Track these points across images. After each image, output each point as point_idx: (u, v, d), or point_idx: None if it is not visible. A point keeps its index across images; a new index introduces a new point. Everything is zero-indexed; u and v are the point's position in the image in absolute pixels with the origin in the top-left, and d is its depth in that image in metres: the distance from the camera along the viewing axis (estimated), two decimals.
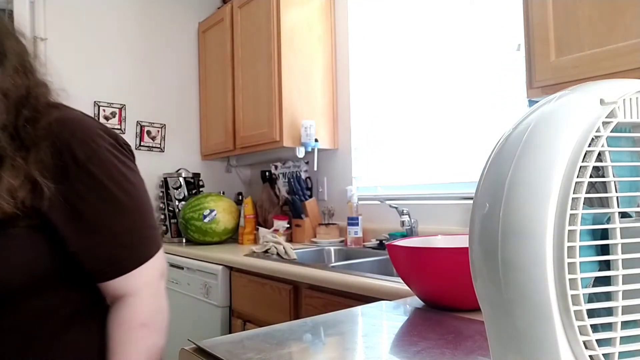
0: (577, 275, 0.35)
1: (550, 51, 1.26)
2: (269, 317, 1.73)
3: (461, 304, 0.90)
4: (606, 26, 1.16)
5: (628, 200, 0.39)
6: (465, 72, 1.87)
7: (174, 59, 2.91)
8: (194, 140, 2.99)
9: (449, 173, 1.94)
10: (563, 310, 0.35)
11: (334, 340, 0.77)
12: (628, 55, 1.11)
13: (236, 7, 2.62)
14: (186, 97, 2.96)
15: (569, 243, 0.35)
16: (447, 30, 1.94)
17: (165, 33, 2.88)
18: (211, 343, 0.72)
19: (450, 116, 1.93)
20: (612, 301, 0.37)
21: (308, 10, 2.42)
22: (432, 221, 1.97)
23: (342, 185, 2.40)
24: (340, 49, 2.49)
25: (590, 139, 0.36)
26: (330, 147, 2.46)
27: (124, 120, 2.68)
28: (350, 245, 2.15)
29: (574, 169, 0.36)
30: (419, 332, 0.81)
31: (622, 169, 0.38)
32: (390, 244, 1.02)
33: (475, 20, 1.84)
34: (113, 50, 2.70)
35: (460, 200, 1.88)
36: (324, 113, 2.45)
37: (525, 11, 1.33)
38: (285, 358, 0.66)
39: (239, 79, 2.61)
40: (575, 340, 0.35)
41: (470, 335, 0.76)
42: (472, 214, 0.43)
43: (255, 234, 2.49)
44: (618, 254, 0.36)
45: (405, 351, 0.71)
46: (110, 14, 2.69)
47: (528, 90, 1.33)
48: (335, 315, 0.91)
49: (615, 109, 0.37)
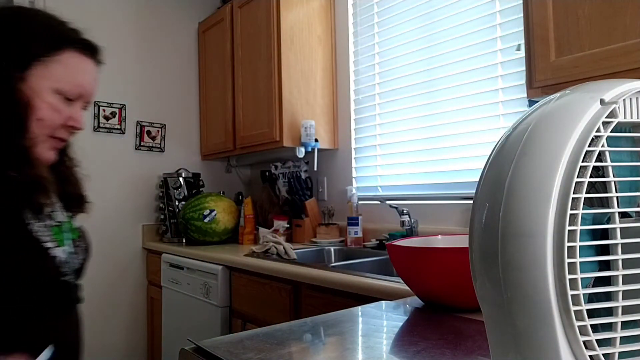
0: (577, 275, 0.35)
1: (550, 51, 1.26)
2: (269, 317, 1.73)
3: (461, 304, 0.90)
4: (606, 26, 1.16)
5: (628, 200, 0.39)
6: (465, 72, 1.87)
7: (174, 59, 2.91)
8: (194, 140, 2.99)
9: (449, 173, 1.94)
10: (563, 310, 0.35)
11: (334, 340, 0.77)
12: (628, 55, 1.11)
13: (236, 7, 2.62)
14: (186, 97, 2.96)
15: (569, 243, 0.35)
16: (447, 30, 1.94)
17: (165, 33, 2.88)
18: (211, 343, 0.72)
19: (451, 116, 1.93)
20: (612, 301, 0.37)
21: (308, 10, 2.42)
22: (432, 221, 1.97)
23: (342, 185, 2.40)
24: (340, 49, 2.48)
25: (590, 139, 0.36)
26: (330, 147, 2.46)
27: (124, 120, 2.68)
28: (350, 245, 2.15)
29: (574, 169, 0.36)
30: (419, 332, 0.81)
31: (622, 169, 0.38)
32: (390, 244, 1.02)
33: (475, 20, 1.84)
34: (113, 50, 2.70)
35: (460, 200, 1.88)
36: (324, 113, 2.45)
37: (525, 11, 1.33)
38: (285, 358, 0.66)
39: (239, 79, 2.61)
40: (575, 340, 0.35)
41: (470, 335, 0.76)
42: (472, 214, 0.43)
43: (255, 234, 2.49)
44: (618, 254, 0.36)
45: (405, 351, 0.71)
46: (110, 14, 2.69)
47: (528, 90, 1.33)
48: (335, 315, 0.91)
49: (615, 109, 0.37)
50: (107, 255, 2.59)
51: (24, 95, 0.79)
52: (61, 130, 0.86)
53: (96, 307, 2.53)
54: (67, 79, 0.84)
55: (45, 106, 0.82)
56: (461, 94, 1.89)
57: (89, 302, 2.81)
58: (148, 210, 2.77)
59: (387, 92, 2.22)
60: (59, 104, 0.84)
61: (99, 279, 2.55)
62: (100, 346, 2.54)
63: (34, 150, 0.82)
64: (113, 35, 2.70)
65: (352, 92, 2.42)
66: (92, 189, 0.91)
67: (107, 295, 2.59)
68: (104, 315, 2.57)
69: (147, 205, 2.77)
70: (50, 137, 0.85)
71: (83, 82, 0.87)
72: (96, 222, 2.60)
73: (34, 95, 0.80)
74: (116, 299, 2.62)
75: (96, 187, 2.56)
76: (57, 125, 0.85)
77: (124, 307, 2.65)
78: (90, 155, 2.75)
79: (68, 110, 0.85)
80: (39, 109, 0.81)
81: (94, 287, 2.52)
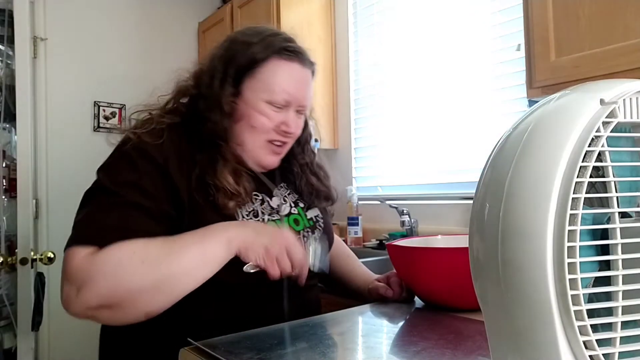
0: (577, 275, 0.35)
1: (550, 51, 1.26)
2: None
3: (461, 304, 0.90)
4: (606, 26, 1.16)
5: (628, 200, 0.39)
6: (465, 72, 1.87)
7: (174, 59, 2.91)
8: None
9: (449, 173, 1.94)
10: (563, 310, 0.35)
11: (334, 340, 0.77)
12: (628, 55, 1.11)
13: (236, 7, 2.62)
14: None
15: (569, 243, 0.35)
16: (448, 30, 1.94)
17: (165, 33, 2.88)
18: (211, 343, 0.72)
19: (451, 116, 1.93)
20: (612, 301, 0.36)
21: (308, 10, 2.42)
22: (432, 221, 1.97)
23: (342, 185, 2.40)
24: (340, 49, 2.48)
25: (590, 139, 0.36)
26: (330, 147, 2.45)
27: (124, 120, 2.68)
28: (350, 245, 2.15)
29: (574, 169, 0.36)
30: (419, 332, 0.81)
31: (622, 169, 0.38)
32: (390, 244, 1.02)
33: (475, 20, 1.84)
34: (113, 50, 2.70)
35: (460, 200, 1.88)
36: (324, 113, 2.44)
37: (525, 11, 1.33)
38: (285, 358, 0.66)
39: None
40: (575, 340, 0.35)
41: (470, 335, 0.76)
42: (472, 214, 0.43)
43: None
44: (618, 254, 0.36)
45: (405, 351, 0.71)
46: (110, 14, 2.69)
47: (528, 90, 1.33)
48: (335, 315, 0.91)
49: (615, 109, 0.37)
50: None
51: (238, 106, 0.90)
52: (275, 135, 0.93)
53: None
54: (272, 87, 0.90)
55: (257, 115, 0.90)
56: (461, 94, 1.89)
57: None
58: None
59: (387, 92, 2.22)
60: (268, 111, 0.91)
61: None
62: None
63: (254, 157, 0.93)
64: (113, 35, 2.70)
65: (352, 92, 2.42)
66: None
67: None
68: None
69: None
70: (267, 142, 0.93)
71: (288, 88, 0.91)
72: None
73: (248, 106, 0.90)
74: None
75: None
76: (270, 130, 0.92)
77: None
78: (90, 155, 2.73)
79: (279, 116, 0.92)
80: (250, 117, 0.90)
81: None
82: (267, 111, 0.90)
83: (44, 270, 1.76)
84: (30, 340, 1.76)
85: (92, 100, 2.60)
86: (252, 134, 0.91)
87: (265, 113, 0.90)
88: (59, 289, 0.76)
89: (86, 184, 0.86)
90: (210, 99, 0.90)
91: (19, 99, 1.73)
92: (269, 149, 0.93)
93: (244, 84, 0.90)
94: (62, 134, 2.47)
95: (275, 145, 0.94)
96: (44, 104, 2.44)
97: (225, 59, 0.91)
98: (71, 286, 0.73)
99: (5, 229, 2.09)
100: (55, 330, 2.37)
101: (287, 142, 0.96)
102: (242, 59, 0.90)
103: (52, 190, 2.40)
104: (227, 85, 0.90)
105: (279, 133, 0.93)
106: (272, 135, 0.92)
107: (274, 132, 0.92)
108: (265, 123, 0.90)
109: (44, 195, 2.38)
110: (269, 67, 0.90)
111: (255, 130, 0.91)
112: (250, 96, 0.90)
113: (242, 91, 0.90)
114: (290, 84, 0.92)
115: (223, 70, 0.90)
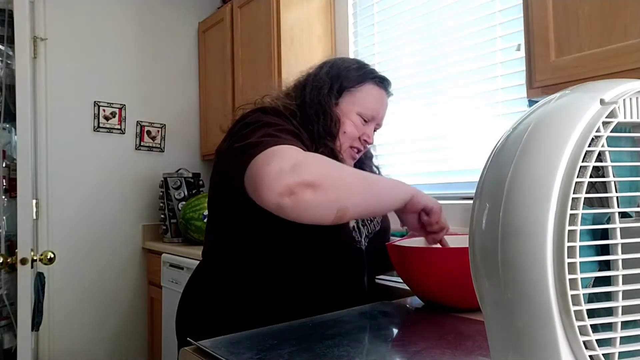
0: (577, 275, 0.35)
1: (550, 51, 1.26)
2: None
3: (461, 304, 0.90)
4: (606, 26, 1.16)
5: (628, 200, 0.39)
6: (465, 72, 1.87)
7: (174, 59, 2.91)
8: (194, 140, 2.99)
9: (449, 173, 1.94)
10: (563, 310, 0.35)
11: (334, 340, 0.77)
12: (628, 55, 1.11)
13: (236, 7, 2.62)
14: (186, 97, 2.96)
15: (569, 243, 0.35)
16: (447, 30, 1.94)
17: (165, 33, 2.88)
18: (211, 343, 0.72)
19: (450, 116, 1.93)
20: (612, 301, 0.37)
21: (308, 10, 2.42)
22: None
23: None
24: (340, 49, 2.48)
25: (590, 139, 0.36)
26: None
27: (124, 120, 2.68)
28: None
29: (574, 169, 0.36)
30: (419, 332, 0.81)
31: (622, 169, 0.38)
32: (390, 244, 1.02)
33: (475, 20, 1.84)
34: (113, 50, 2.70)
35: (460, 200, 1.88)
36: None
37: (525, 11, 1.33)
38: (285, 358, 0.66)
39: (239, 79, 2.61)
40: (575, 340, 0.35)
41: (470, 335, 0.76)
42: (472, 214, 0.43)
43: None
44: (618, 254, 0.36)
45: (405, 351, 0.71)
46: (110, 13, 2.69)
47: (528, 90, 1.32)
48: (335, 315, 0.91)
49: (615, 109, 0.37)
50: (107, 255, 2.59)
51: (337, 114, 1.07)
52: (357, 142, 1.11)
53: (96, 307, 2.53)
54: (365, 104, 1.10)
55: (350, 123, 1.09)
56: (461, 94, 1.89)
57: (89, 302, 2.80)
58: (148, 210, 2.77)
59: None
60: (358, 122, 1.10)
61: (98, 279, 2.54)
62: (100, 346, 2.55)
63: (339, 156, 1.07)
64: (113, 35, 2.70)
65: None
66: (92, 189, 0.92)
67: (107, 295, 2.58)
68: (104, 315, 2.57)
69: (147, 205, 2.77)
70: (350, 147, 1.10)
71: (377, 107, 1.12)
72: (96, 222, 2.60)
73: (343, 115, 1.08)
74: (116, 299, 2.62)
75: (96, 187, 2.57)
76: (355, 138, 1.10)
77: (123, 307, 2.65)
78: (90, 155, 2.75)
79: (364, 128, 1.11)
80: (345, 124, 1.08)
81: (93, 287, 2.53)
82: (357, 122, 1.09)
83: (44, 270, 1.76)
84: (30, 340, 1.76)
85: (92, 100, 2.60)
86: (342, 138, 1.08)
87: (355, 123, 1.09)
88: (59, 289, 0.76)
89: (86, 184, 0.87)
90: (317, 105, 1.07)
91: (19, 99, 1.72)
92: (349, 153, 1.11)
93: (343, 97, 1.09)
94: (62, 134, 2.47)
95: (355, 151, 1.12)
96: (44, 104, 2.43)
97: (331, 76, 1.10)
98: (285, 163, 0.78)
99: (5, 229, 2.09)
100: (55, 330, 2.37)
101: (362, 150, 1.14)
102: (346, 77, 1.10)
103: (52, 190, 2.40)
104: (332, 96, 1.08)
105: (360, 142, 1.11)
106: (355, 143, 1.10)
107: (357, 140, 1.10)
108: (354, 131, 1.09)
109: (44, 195, 2.37)
110: (365, 88, 1.11)
111: (345, 136, 1.08)
112: (346, 107, 1.09)
113: (340, 103, 1.09)
114: (377, 104, 1.12)
115: (330, 84, 1.09)
